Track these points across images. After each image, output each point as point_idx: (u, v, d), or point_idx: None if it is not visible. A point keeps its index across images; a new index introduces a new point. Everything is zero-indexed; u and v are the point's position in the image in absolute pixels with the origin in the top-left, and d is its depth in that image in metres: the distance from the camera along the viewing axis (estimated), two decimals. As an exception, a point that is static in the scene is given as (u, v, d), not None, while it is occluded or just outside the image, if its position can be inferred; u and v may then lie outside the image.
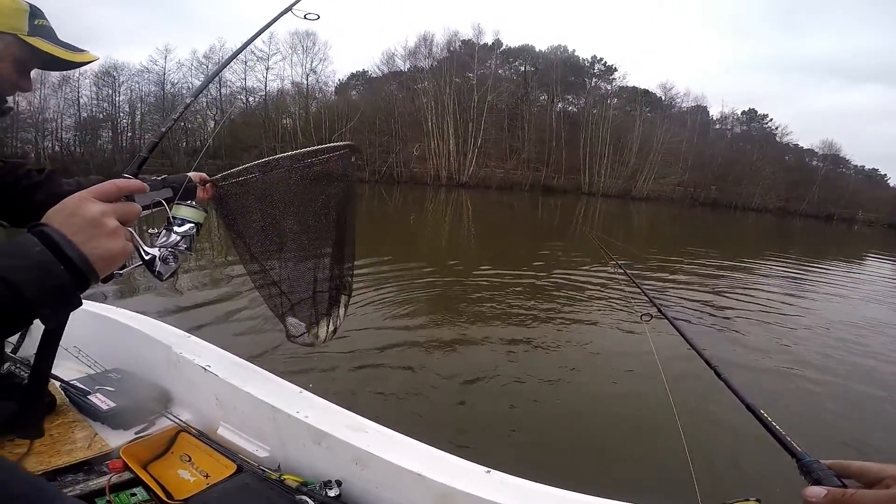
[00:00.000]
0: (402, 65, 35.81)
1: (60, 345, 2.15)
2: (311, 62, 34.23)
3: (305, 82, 34.15)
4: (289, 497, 1.43)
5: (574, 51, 38.86)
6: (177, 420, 1.79)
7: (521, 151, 34.51)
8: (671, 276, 9.46)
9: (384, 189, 26.55)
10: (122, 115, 31.10)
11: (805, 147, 43.12)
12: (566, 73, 37.40)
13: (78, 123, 29.10)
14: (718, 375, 0.94)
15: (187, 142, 31.64)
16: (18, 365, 1.81)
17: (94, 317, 2.22)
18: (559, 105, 37.66)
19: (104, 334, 2.12)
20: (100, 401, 1.78)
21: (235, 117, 32.08)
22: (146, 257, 0.69)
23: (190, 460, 1.73)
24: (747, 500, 0.68)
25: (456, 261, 9.30)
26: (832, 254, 17.22)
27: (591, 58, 38.66)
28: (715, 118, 42.92)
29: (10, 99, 1.09)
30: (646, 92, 38.57)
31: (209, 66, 32.48)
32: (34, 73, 1.08)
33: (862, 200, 41.74)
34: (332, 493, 1.45)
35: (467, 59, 34.69)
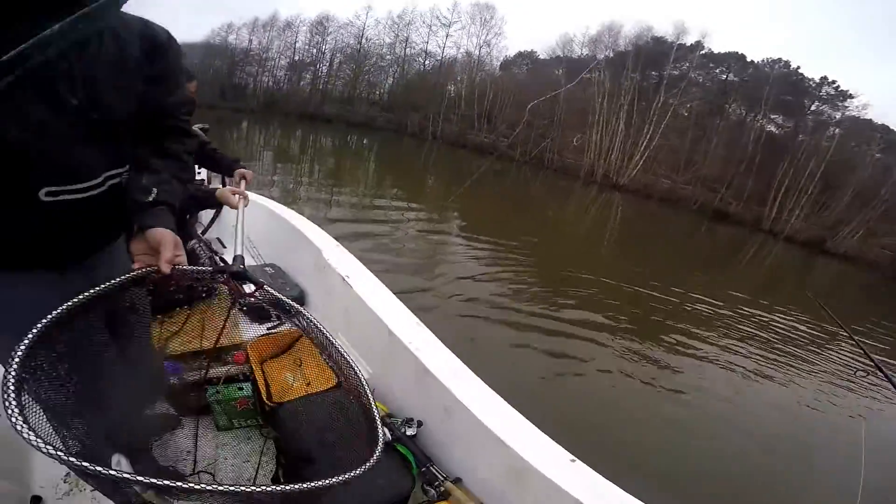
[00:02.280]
0: (580, 51, 34.19)
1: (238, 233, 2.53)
2: (487, 34, 34.95)
3: (477, 53, 34.94)
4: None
5: (798, 68, 32.58)
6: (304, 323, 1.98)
7: (699, 166, 30.32)
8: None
9: (529, 171, 26.07)
10: (324, 61, 35.67)
11: None
12: (782, 90, 31.62)
13: (290, 64, 34.20)
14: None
15: (368, 93, 35.09)
16: (201, 244, 2.15)
17: (269, 214, 2.54)
18: (760, 123, 32.07)
19: (272, 230, 2.42)
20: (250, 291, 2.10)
21: (412, 76, 34.43)
22: None
23: (301, 365, 1.88)
24: None
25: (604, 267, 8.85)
26: None
27: (821, 79, 31.90)
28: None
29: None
30: (885, 128, 30.55)
31: (400, 26, 35.13)
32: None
33: None
34: (409, 432, 1.47)
35: (657, 57, 31.43)
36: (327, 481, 0.74)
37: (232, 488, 0.59)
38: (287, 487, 0.65)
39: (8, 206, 0.71)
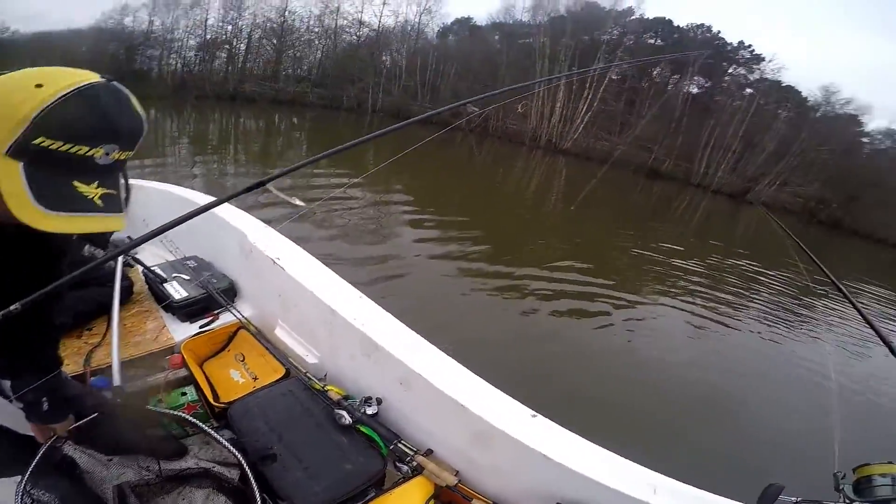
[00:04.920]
0: (521, 15, 34.08)
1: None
2: (427, 1, 33.72)
3: (417, 20, 33.74)
4: (328, 409, 1.42)
5: (719, 32, 34.89)
6: (239, 315, 1.81)
7: (634, 128, 31.89)
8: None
9: (475, 141, 26.05)
10: (241, 38, 32.77)
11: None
12: (705, 54, 33.78)
13: (201, 44, 31.11)
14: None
15: (294, 69, 32.85)
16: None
17: (181, 201, 2.32)
18: (686, 86, 34.05)
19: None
20: (174, 290, 1.85)
21: (344, 48, 32.72)
22: None
23: (243, 360, 1.76)
24: (891, 462, 0.64)
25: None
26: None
27: (738, 43, 34.38)
28: (874, 132, 36.00)
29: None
30: (789, 89, 33.47)
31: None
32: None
33: None
34: (370, 411, 1.41)
35: (591, 23, 32.17)
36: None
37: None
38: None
39: None
